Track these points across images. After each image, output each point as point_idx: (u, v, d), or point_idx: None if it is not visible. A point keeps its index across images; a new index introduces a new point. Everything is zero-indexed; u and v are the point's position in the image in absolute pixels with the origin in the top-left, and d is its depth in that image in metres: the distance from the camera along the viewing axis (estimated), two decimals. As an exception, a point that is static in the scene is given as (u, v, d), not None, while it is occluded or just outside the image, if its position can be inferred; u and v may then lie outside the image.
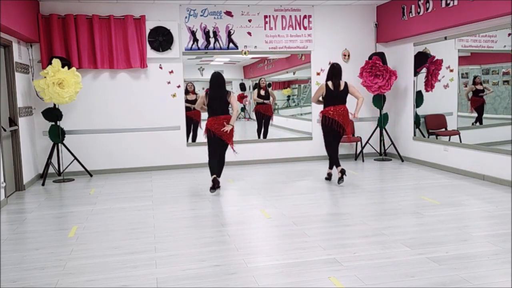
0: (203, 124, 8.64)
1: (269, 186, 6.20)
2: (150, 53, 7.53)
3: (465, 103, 6.95)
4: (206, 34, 7.79)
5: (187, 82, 8.61)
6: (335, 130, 6.11)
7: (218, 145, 5.88)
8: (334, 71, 6.13)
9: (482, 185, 5.96)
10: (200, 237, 4.19)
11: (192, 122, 8.43)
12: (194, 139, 8.49)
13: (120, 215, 4.99)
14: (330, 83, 6.12)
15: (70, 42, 7.15)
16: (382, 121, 8.05)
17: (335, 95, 6.09)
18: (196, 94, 8.76)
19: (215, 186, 5.78)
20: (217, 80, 5.87)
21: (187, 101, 8.23)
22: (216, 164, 5.93)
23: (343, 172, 6.05)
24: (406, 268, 3.30)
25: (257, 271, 3.32)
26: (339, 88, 6.10)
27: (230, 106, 5.88)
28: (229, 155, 8.04)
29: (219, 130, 5.76)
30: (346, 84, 6.13)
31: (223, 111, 5.83)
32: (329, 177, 6.43)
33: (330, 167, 6.40)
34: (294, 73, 9.52)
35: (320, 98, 6.24)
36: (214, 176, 5.82)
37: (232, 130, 5.81)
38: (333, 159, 6.26)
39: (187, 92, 8.46)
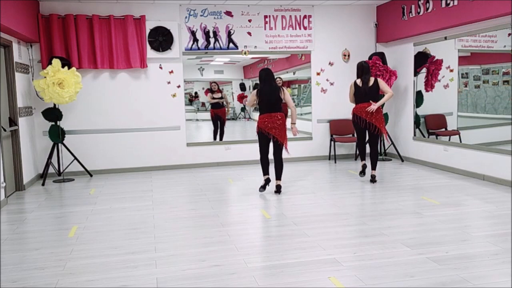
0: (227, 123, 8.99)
1: (269, 186, 6.20)
2: (150, 53, 7.53)
3: (465, 103, 6.95)
4: (206, 34, 7.79)
5: (211, 82, 9.13)
6: (366, 128, 6.17)
7: (267, 142, 5.72)
8: (364, 69, 6.19)
9: (482, 185, 5.96)
10: (200, 237, 4.19)
11: (218, 120, 8.81)
12: (221, 137, 8.75)
13: (120, 215, 4.99)
14: (358, 81, 6.19)
15: (70, 42, 7.15)
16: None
17: (363, 92, 6.12)
18: (221, 92, 8.94)
19: (265, 186, 5.82)
20: (268, 76, 5.69)
21: (213, 99, 8.89)
22: (267, 162, 5.79)
23: (373, 177, 6.28)
24: (406, 268, 3.30)
25: (257, 271, 3.33)
26: (368, 84, 6.10)
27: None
28: (229, 155, 8.09)
29: (271, 128, 5.59)
30: (375, 80, 6.17)
31: (276, 108, 5.63)
32: (363, 170, 6.41)
33: (362, 159, 6.44)
34: (294, 73, 9.51)
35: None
36: (267, 176, 5.81)
37: (284, 130, 5.66)
38: (363, 155, 6.45)
39: (212, 91, 8.93)
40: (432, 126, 7.65)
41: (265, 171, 5.81)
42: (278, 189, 5.77)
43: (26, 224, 4.79)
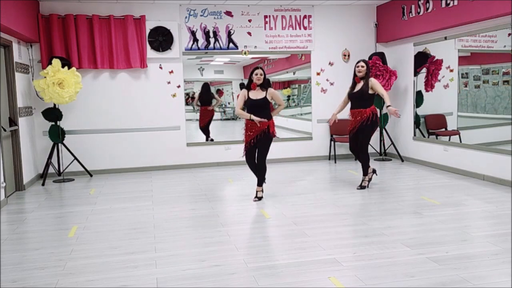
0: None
1: (269, 186, 6.19)
2: (150, 53, 7.53)
3: (465, 103, 6.95)
4: (206, 34, 7.79)
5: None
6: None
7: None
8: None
9: (482, 185, 5.96)
10: (200, 237, 4.19)
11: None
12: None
13: (120, 215, 4.99)
14: None
15: (70, 42, 7.15)
16: (382, 121, 8.06)
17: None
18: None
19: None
20: None
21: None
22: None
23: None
24: (406, 268, 3.30)
25: (257, 271, 3.32)
26: None
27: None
28: (229, 155, 8.08)
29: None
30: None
31: None
32: (374, 171, 5.99)
33: (367, 173, 5.95)
34: (294, 73, 9.52)
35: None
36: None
37: None
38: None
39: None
40: (432, 126, 7.66)
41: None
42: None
43: (26, 224, 4.79)
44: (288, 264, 3.45)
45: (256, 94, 5.34)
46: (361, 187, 5.95)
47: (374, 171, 6.02)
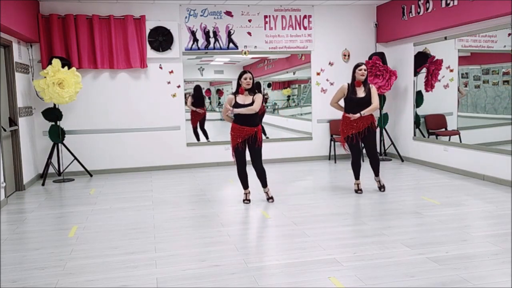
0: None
1: (269, 186, 6.19)
2: (150, 53, 7.53)
3: (465, 103, 6.96)
4: (206, 34, 7.79)
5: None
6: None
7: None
8: None
9: (482, 185, 5.96)
10: (200, 237, 4.19)
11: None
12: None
13: (120, 215, 4.99)
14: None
15: (70, 42, 7.15)
16: (382, 121, 8.05)
17: None
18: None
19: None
20: None
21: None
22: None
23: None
24: (406, 268, 3.30)
25: (257, 271, 3.32)
26: None
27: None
28: (229, 155, 8.06)
29: None
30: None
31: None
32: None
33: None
34: (294, 73, 9.52)
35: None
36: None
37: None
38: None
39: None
40: (432, 126, 7.66)
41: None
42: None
43: (26, 224, 4.79)
44: (288, 264, 3.45)
45: (244, 99, 5.16)
46: (384, 187, 5.75)
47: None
